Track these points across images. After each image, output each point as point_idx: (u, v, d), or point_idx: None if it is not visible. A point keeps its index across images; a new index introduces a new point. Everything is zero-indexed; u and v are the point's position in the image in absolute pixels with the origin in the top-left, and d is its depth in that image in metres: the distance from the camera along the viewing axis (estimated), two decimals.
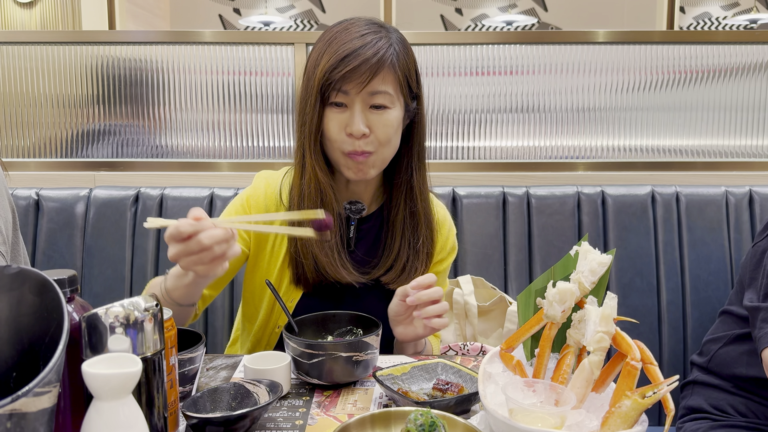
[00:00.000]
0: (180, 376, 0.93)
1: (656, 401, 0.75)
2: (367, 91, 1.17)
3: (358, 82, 1.16)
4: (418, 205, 1.29)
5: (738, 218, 1.74)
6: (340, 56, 1.15)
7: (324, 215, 1.04)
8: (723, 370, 1.37)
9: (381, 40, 1.18)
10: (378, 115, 1.19)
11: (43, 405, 0.62)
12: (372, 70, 1.15)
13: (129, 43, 1.95)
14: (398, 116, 1.22)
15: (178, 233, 0.95)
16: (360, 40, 1.17)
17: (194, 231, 0.94)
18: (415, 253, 1.29)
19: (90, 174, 1.92)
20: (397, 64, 1.19)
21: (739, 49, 1.94)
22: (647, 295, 1.72)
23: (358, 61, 1.15)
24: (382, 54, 1.16)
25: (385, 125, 1.19)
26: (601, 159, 1.98)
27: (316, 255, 1.24)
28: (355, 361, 1.02)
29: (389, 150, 1.23)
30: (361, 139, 1.18)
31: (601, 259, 0.87)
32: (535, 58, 1.95)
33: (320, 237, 1.04)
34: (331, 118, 1.19)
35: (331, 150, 1.22)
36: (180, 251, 0.96)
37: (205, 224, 0.95)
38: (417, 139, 1.29)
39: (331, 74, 1.15)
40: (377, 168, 1.24)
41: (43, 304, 0.70)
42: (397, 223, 1.29)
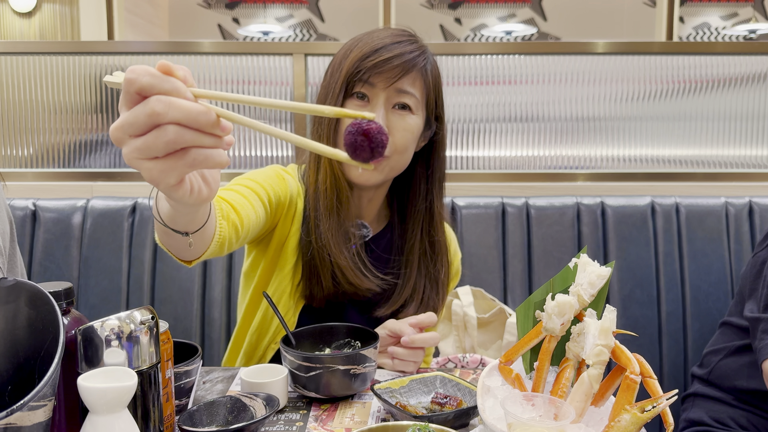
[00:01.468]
0: (176, 389, 0.93)
1: (656, 415, 0.74)
2: (395, 87, 1.12)
3: (389, 76, 1.11)
4: (439, 234, 1.23)
5: (738, 229, 1.74)
6: (374, 47, 1.11)
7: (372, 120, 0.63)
8: (724, 382, 1.36)
9: (415, 44, 1.15)
10: (400, 117, 1.14)
11: (38, 419, 0.61)
12: (405, 67, 1.11)
13: (128, 53, 1.95)
14: (419, 125, 1.16)
15: (127, 86, 0.58)
16: (393, 38, 1.13)
17: (150, 86, 0.57)
18: (435, 284, 1.23)
19: (87, 184, 1.92)
20: (429, 72, 1.16)
21: (738, 60, 1.95)
22: (647, 307, 1.71)
23: (392, 53, 1.10)
24: (416, 55, 1.13)
25: (405, 129, 1.14)
26: (600, 170, 1.98)
27: (335, 258, 1.16)
28: (353, 374, 1.01)
29: (403, 159, 1.17)
30: None
31: (600, 272, 0.86)
32: (534, 68, 1.96)
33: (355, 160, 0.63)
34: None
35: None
36: (124, 122, 0.59)
37: (170, 84, 0.58)
38: (438, 163, 1.24)
39: (363, 62, 1.10)
40: (384, 175, 1.17)
41: (38, 317, 0.69)
42: (414, 254, 1.23)
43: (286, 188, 1.19)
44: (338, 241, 1.17)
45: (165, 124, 0.57)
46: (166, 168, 0.60)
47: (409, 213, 1.25)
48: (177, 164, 0.60)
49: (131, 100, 0.59)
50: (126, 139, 0.59)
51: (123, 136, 0.59)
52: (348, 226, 1.19)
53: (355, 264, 1.17)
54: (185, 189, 0.64)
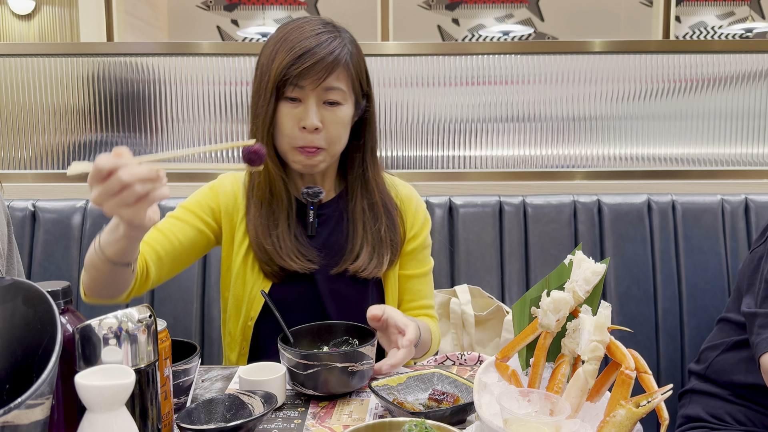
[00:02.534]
0: (174, 387, 0.93)
1: (650, 410, 0.75)
2: (322, 87, 1.21)
3: (315, 79, 1.20)
4: (375, 196, 1.35)
5: (734, 226, 1.75)
6: (296, 54, 1.19)
7: (255, 142, 0.98)
8: (721, 377, 1.37)
9: (335, 39, 1.23)
10: (331, 111, 1.24)
11: (35, 417, 0.61)
12: (328, 69, 1.20)
13: (127, 54, 1.95)
14: (349, 113, 1.27)
15: (97, 171, 0.87)
16: (315, 39, 1.21)
17: (113, 167, 0.86)
18: (380, 241, 1.32)
19: (86, 185, 1.92)
20: (350, 63, 1.25)
21: (734, 58, 1.95)
22: (644, 304, 1.72)
23: (315, 59, 1.19)
24: (337, 53, 1.21)
25: (336, 122, 1.24)
26: (597, 168, 1.98)
27: (262, 240, 1.28)
28: (351, 371, 1.02)
29: (338, 146, 1.28)
30: (313, 133, 1.22)
31: (595, 268, 0.87)
32: (531, 68, 1.96)
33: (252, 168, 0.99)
34: (286, 113, 1.23)
35: (282, 144, 1.26)
36: (101, 192, 0.88)
37: (125, 160, 0.88)
38: (369, 135, 1.35)
39: (288, 70, 1.19)
40: (325, 162, 1.28)
41: (36, 316, 0.70)
42: (357, 215, 1.34)
43: (217, 196, 1.34)
44: (265, 224, 1.28)
45: (130, 185, 0.86)
46: (137, 208, 0.90)
47: (350, 181, 1.37)
48: (143, 204, 0.90)
49: (100, 177, 0.87)
50: (104, 201, 0.89)
51: (101, 200, 0.89)
52: (278, 213, 1.29)
53: (280, 248, 1.27)
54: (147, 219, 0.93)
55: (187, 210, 1.32)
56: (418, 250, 1.40)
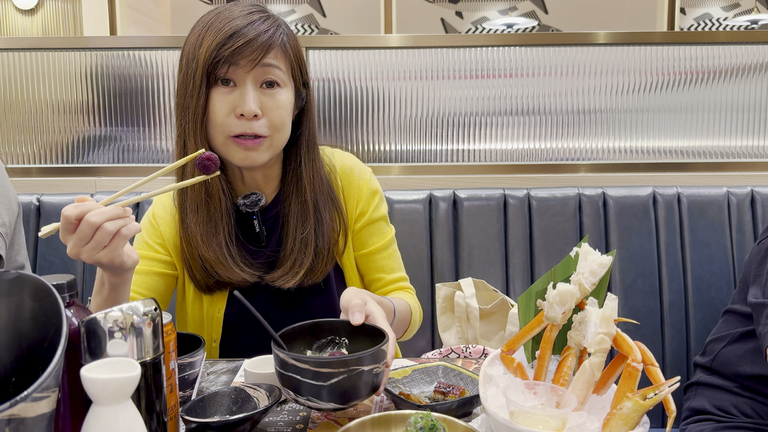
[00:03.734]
0: (180, 380, 0.93)
1: (658, 403, 0.74)
2: (259, 65, 1.11)
3: (251, 59, 1.10)
4: (307, 195, 1.22)
5: (740, 219, 1.74)
6: (227, 34, 1.09)
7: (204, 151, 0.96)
8: (727, 369, 1.36)
9: (268, 19, 1.14)
10: (270, 96, 1.13)
11: (41, 410, 0.61)
12: (264, 47, 1.10)
13: (130, 48, 1.95)
14: (290, 99, 1.17)
15: (66, 221, 0.88)
16: (245, 18, 1.12)
17: (80, 212, 0.88)
18: (303, 246, 1.21)
19: (91, 179, 1.92)
20: (288, 45, 1.16)
21: (740, 50, 1.94)
22: (649, 297, 1.71)
23: (249, 36, 1.09)
24: (272, 32, 1.12)
25: (278, 107, 1.14)
26: (602, 161, 1.98)
27: (203, 252, 1.18)
28: (376, 373, 0.87)
29: (283, 135, 1.18)
30: (252, 120, 1.12)
31: (602, 260, 0.87)
32: (535, 61, 1.95)
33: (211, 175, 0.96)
34: (218, 100, 1.12)
35: (215, 135, 1.14)
36: (75, 241, 0.89)
37: (89, 204, 0.89)
38: (306, 127, 1.24)
39: (219, 51, 1.09)
40: (269, 153, 1.17)
41: (41, 309, 0.69)
42: (290, 217, 1.23)
43: (157, 228, 1.26)
44: (206, 233, 1.18)
45: (101, 224, 0.87)
46: (113, 248, 0.90)
47: (284, 178, 1.26)
48: (118, 242, 0.90)
49: (71, 227, 0.89)
50: (80, 249, 0.89)
51: (78, 249, 0.89)
52: (217, 218, 1.19)
53: (224, 257, 1.18)
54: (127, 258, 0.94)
55: (143, 259, 1.23)
56: (369, 224, 1.31)
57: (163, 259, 1.25)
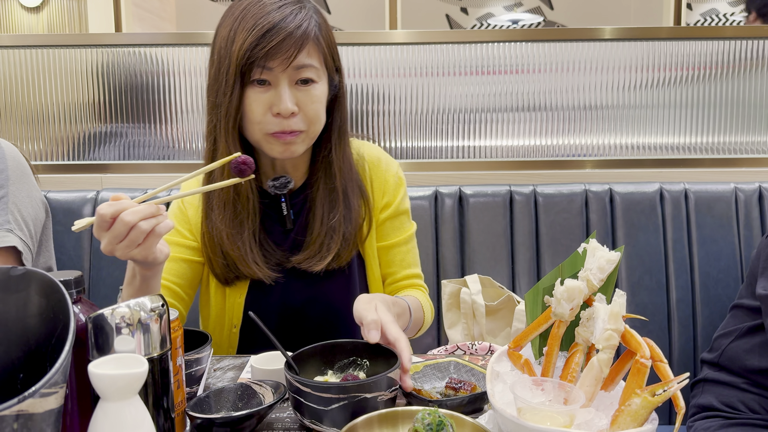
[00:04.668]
0: (187, 376, 0.93)
1: (666, 399, 0.74)
2: (293, 66, 1.10)
3: (284, 58, 1.09)
4: (337, 181, 1.23)
5: (748, 215, 1.73)
6: (260, 31, 1.08)
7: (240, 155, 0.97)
8: (734, 364, 1.35)
9: (301, 11, 1.12)
10: (305, 92, 1.13)
11: (49, 406, 0.61)
12: (297, 44, 1.09)
13: (135, 45, 1.95)
14: (325, 91, 1.18)
15: (101, 218, 0.90)
16: (278, 12, 1.09)
17: (116, 211, 0.90)
18: (331, 232, 1.22)
19: (97, 176, 1.93)
20: (320, 36, 1.14)
21: (747, 45, 1.92)
22: (656, 293, 1.71)
23: (282, 35, 1.08)
24: (305, 26, 1.10)
25: (314, 101, 1.14)
26: (608, 157, 1.97)
27: (227, 249, 1.19)
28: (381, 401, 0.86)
29: (318, 126, 1.18)
30: (289, 118, 1.12)
31: (610, 257, 0.86)
32: (541, 57, 1.94)
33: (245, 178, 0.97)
34: (254, 99, 1.12)
35: (253, 132, 1.15)
36: (110, 239, 0.91)
37: (124, 203, 0.91)
38: (339, 114, 1.24)
39: (253, 51, 1.08)
40: (305, 145, 1.19)
41: (49, 306, 0.70)
42: (317, 202, 1.23)
43: (185, 213, 1.27)
44: (232, 232, 1.19)
45: (136, 223, 0.89)
46: (148, 246, 0.92)
47: (314, 163, 1.27)
48: (152, 240, 0.92)
49: (106, 225, 0.91)
50: (115, 246, 0.91)
51: (112, 246, 0.91)
52: (243, 216, 1.19)
53: (246, 255, 1.19)
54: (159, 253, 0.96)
55: (172, 245, 1.23)
56: (393, 216, 1.32)
57: (191, 245, 1.26)
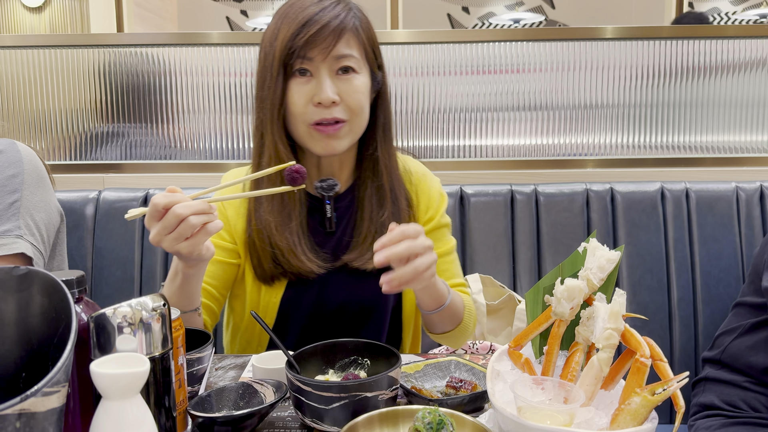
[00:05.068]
0: (188, 375, 0.94)
1: (666, 398, 0.74)
2: (333, 55, 1.12)
3: (323, 47, 1.11)
4: (384, 179, 1.23)
5: (749, 214, 1.73)
6: (300, 22, 1.11)
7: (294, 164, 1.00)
8: (737, 361, 1.35)
9: (339, 4, 1.15)
10: (346, 81, 1.14)
11: (52, 405, 0.62)
12: (336, 33, 1.11)
13: (137, 45, 1.96)
14: (367, 83, 1.18)
15: (154, 208, 0.93)
16: (317, 5, 1.13)
17: (169, 202, 0.92)
18: (381, 229, 1.21)
19: (99, 176, 1.93)
20: (360, 28, 1.16)
21: (748, 44, 1.92)
22: (658, 293, 1.71)
23: (320, 24, 1.11)
24: (343, 17, 1.13)
25: (356, 91, 1.15)
26: (609, 156, 1.97)
27: (276, 240, 1.18)
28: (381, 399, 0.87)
29: (362, 119, 1.18)
30: (330, 107, 1.13)
31: (610, 256, 0.86)
32: (542, 56, 1.94)
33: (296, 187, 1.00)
34: (296, 90, 1.14)
35: (296, 125, 1.16)
36: (159, 230, 0.93)
37: (178, 196, 0.94)
38: (382, 111, 1.24)
39: (294, 42, 1.11)
40: (349, 139, 1.18)
41: (51, 305, 0.70)
42: (365, 201, 1.23)
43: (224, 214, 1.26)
44: (279, 222, 1.18)
45: (187, 217, 0.92)
46: (195, 242, 0.95)
47: (361, 163, 1.27)
48: (201, 237, 0.95)
49: (158, 215, 0.93)
50: (163, 237, 0.93)
51: (161, 237, 0.94)
52: (291, 207, 1.20)
53: (295, 246, 1.18)
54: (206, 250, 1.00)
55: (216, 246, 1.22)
56: (436, 228, 1.31)
57: (228, 248, 1.25)
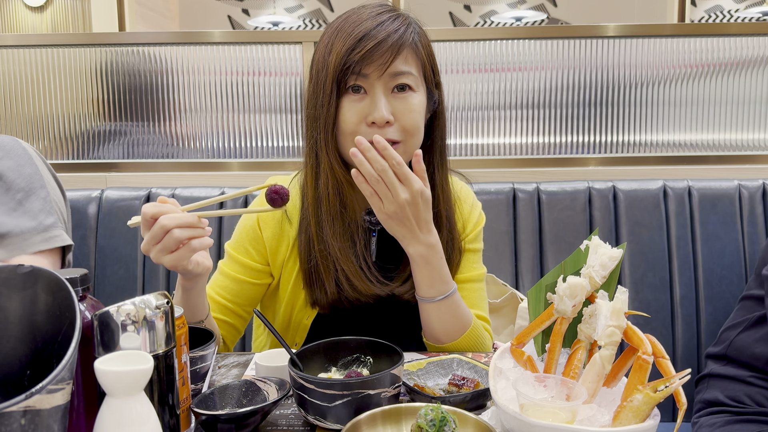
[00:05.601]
0: (192, 373, 0.94)
1: (668, 395, 0.74)
2: (389, 72, 1.06)
3: (380, 63, 1.04)
4: (441, 206, 1.16)
5: (752, 212, 1.73)
6: (357, 37, 1.04)
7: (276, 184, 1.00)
8: (742, 354, 1.35)
9: (398, 18, 1.08)
10: (402, 100, 1.07)
11: (56, 402, 0.62)
12: (394, 49, 1.05)
13: (139, 44, 1.96)
14: (423, 102, 1.11)
15: (143, 216, 0.94)
16: (375, 19, 1.06)
17: (157, 212, 0.93)
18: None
19: (101, 175, 1.94)
20: (419, 44, 1.10)
21: (751, 42, 1.92)
22: (660, 291, 1.71)
23: (378, 39, 1.04)
24: (402, 31, 1.06)
25: (411, 110, 1.08)
26: (612, 154, 1.97)
27: (342, 265, 1.12)
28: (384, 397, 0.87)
29: (416, 140, 1.11)
30: (384, 127, 1.06)
31: (612, 253, 0.86)
32: (544, 54, 1.94)
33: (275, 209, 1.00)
34: (349, 108, 1.07)
35: (347, 144, 1.08)
36: (148, 239, 0.94)
37: (167, 207, 0.94)
38: (439, 132, 1.17)
39: (350, 57, 1.04)
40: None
41: (55, 303, 0.70)
42: None
43: (258, 235, 1.21)
44: (344, 246, 1.13)
45: (171, 229, 0.91)
46: (178, 256, 0.94)
47: None
48: (185, 252, 0.94)
49: (147, 224, 0.93)
50: (151, 247, 0.94)
51: (149, 246, 0.94)
52: (353, 230, 1.14)
53: (362, 270, 1.13)
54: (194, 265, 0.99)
55: (236, 263, 1.22)
56: (468, 251, 1.25)
57: (258, 269, 1.21)
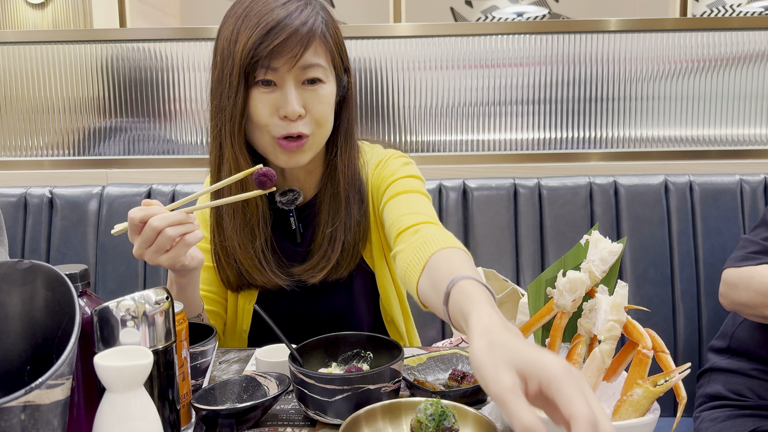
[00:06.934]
0: (192, 369, 0.94)
1: (668, 389, 0.74)
2: (299, 65, 1.05)
3: (289, 57, 1.03)
4: (340, 187, 1.17)
5: (753, 206, 1.72)
6: (264, 29, 1.02)
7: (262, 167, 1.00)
8: (744, 344, 1.34)
9: (306, 7, 1.06)
10: (312, 92, 1.08)
11: (56, 397, 0.62)
12: (303, 42, 1.03)
13: (140, 40, 1.96)
14: (333, 92, 1.11)
15: (131, 222, 0.93)
16: (283, 9, 1.04)
17: (145, 215, 0.92)
18: (331, 241, 1.17)
19: (102, 171, 1.94)
20: (327, 34, 1.09)
21: (753, 36, 1.91)
22: (661, 286, 1.71)
23: (287, 32, 1.02)
24: (311, 23, 1.05)
25: (321, 102, 1.08)
26: (613, 149, 1.96)
27: (240, 257, 1.16)
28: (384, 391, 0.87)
29: (325, 130, 1.12)
30: (296, 120, 1.06)
31: (612, 248, 0.86)
32: (546, 49, 1.94)
33: (266, 190, 1.00)
34: (260, 100, 1.06)
35: (259, 136, 1.09)
36: (140, 243, 0.94)
37: (154, 209, 0.93)
38: (346, 116, 1.18)
39: (258, 50, 1.02)
40: (312, 152, 1.12)
41: (55, 299, 0.70)
42: (323, 211, 1.18)
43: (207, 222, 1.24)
44: (243, 240, 1.15)
45: (163, 229, 0.92)
46: (175, 254, 0.95)
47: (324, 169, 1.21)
48: (180, 249, 0.95)
49: (136, 229, 0.93)
50: (144, 251, 0.94)
51: (142, 250, 0.94)
52: (254, 224, 1.16)
53: (260, 263, 1.16)
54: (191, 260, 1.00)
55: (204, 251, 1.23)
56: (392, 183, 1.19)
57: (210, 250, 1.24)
